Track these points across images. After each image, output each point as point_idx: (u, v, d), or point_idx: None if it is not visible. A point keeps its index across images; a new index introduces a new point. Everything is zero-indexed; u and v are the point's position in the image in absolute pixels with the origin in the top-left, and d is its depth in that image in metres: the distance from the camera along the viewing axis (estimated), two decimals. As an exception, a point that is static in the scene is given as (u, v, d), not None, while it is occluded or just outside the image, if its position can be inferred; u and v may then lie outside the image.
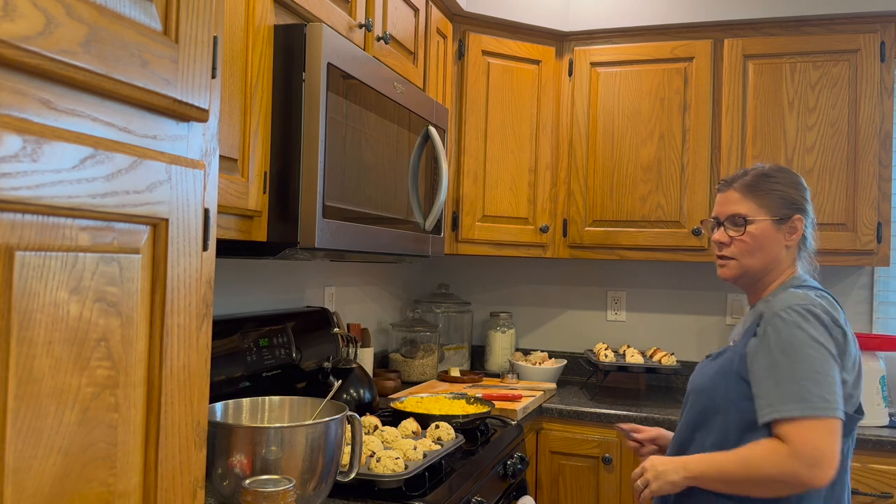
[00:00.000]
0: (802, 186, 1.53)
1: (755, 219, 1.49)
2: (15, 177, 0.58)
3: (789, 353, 1.33)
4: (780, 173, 1.52)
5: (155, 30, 0.75)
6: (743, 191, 1.51)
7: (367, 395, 1.96)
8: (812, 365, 1.32)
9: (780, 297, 1.40)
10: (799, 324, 1.34)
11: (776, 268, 1.50)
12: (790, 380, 1.32)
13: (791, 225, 1.49)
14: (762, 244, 1.48)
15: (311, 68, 1.41)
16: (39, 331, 0.61)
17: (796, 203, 1.50)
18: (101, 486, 0.69)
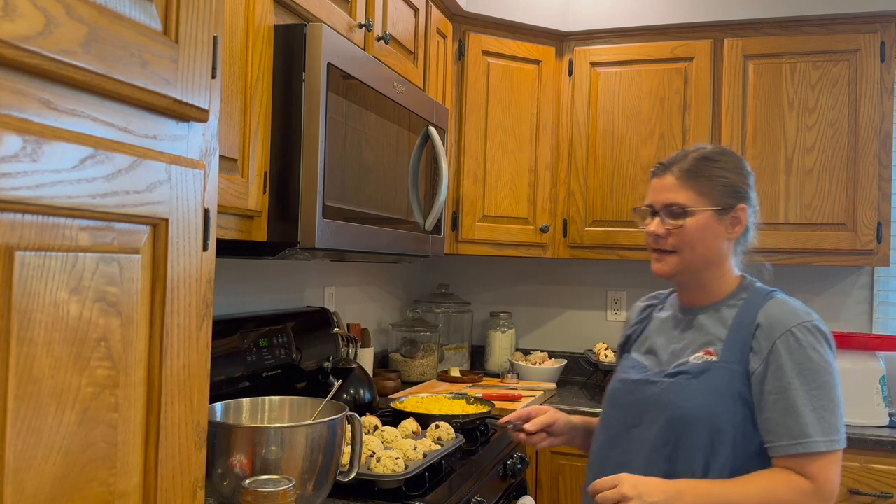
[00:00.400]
0: (747, 171, 1.38)
1: (695, 209, 1.32)
2: (15, 177, 0.58)
3: (807, 378, 1.23)
4: (723, 157, 1.36)
5: (155, 30, 0.75)
6: (682, 177, 1.34)
7: (367, 395, 1.96)
8: (829, 392, 1.23)
9: (779, 308, 1.30)
10: (813, 345, 1.25)
11: (717, 263, 1.36)
12: (811, 409, 1.22)
13: (734, 216, 1.34)
14: (703, 237, 1.32)
15: (311, 68, 1.41)
16: (39, 331, 0.61)
17: (740, 191, 1.35)
18: (101, 486, 0.69)
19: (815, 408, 1.22)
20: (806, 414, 1.21)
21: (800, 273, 2.77)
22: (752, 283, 1.39)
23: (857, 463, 2.10)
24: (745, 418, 1.26)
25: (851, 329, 2.70)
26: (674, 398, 1.31)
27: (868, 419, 2.20)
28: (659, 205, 1.35)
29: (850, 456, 2.11)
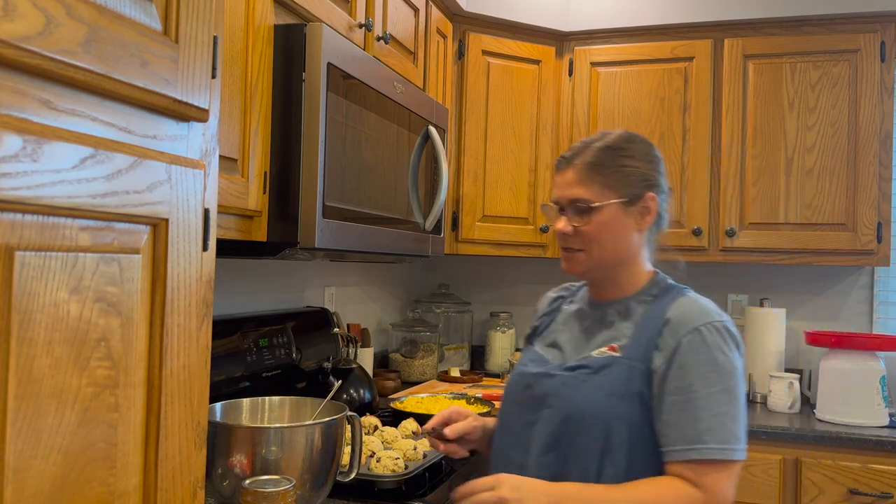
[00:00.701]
0: (655, 157, 1.29)
1: (601, 203, 1.23)
2: (15, 177, 0.58)
3: (710, 381, 1.13)
4: (629, 144, 1.27)
5: (155, 30, 0.75)
6: (585, 170, 1.24)
7: (367, 395, 1.96)
8: (732, 398, 1.14)
9: (689, 305, 1.20)
10: (720, 346, 1.15)
11: (629, 258, 1.27)
12: (710, 414, 1.12)
13: (643, 206, 1.25)
14: (612, 232, 1.23)
15: (311, 68, 1.41)
16: (39, 331, 0.61)
17: (648, 179, 1.26)
18: (101, 486, 0.69)
19: (715, 413, 1.12)
20: (704, 419, 1.12)
21: (800, 273, 2.77)
22: (664, 279, 1.30)
23: (857, 463, 2.10)
24: (643, 419, 1.17)
25: (851, 329, 2.70)
26: (571, 393, 1.21)
27: (868, 419, 2.20)
28: (564, 201, 1.26)
29: (849, 456, 2.12)
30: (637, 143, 1.27)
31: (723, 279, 2.86)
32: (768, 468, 2.17)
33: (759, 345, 2.59)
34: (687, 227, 2.57)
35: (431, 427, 1.34)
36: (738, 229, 2.52)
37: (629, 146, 1.26)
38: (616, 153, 1.25)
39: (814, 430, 2.14)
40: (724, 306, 2.85)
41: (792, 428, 2.17)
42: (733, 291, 2.84)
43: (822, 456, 2.14)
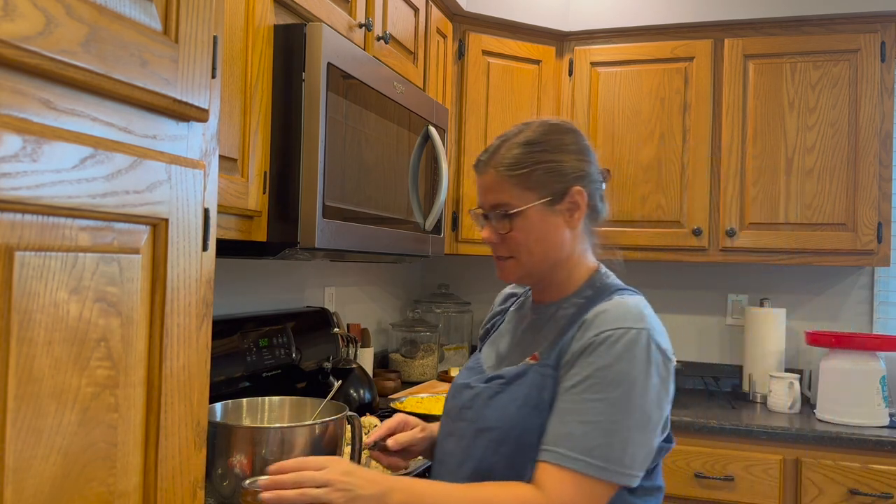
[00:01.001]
0: (580, 147, 1.16)
1: (522, 207, 1.12)
2: (15, 177, 0.58)
3: (594, 388, 1.00)
4: (547, 136, 1.14)
5: (155, 29, 0.75)
6: (502, 172, 1.13)
7: (367, 395, 1.96)
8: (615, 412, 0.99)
9: (610, 309, 1.07)
10: (624, 355, 1.01)
11: (565, 257, 1.16)
12: (579, 421, 0.99)
13: (570, 201, 1.13)
14: (539, 235, 1.13)
15: (311, 68, 1.41)
16: (39, 331, 0.61)
17: (572, 172, 1.13)
18: (101, 486, 0.69)
19: (584, 420, 0.99)
20: (570, 423, 1.00)
21: (800, 273, 2.77)
22: (603, 278, 1.18)
23: (858, 463, 2.10)
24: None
25: (852, 329, 2.70)
26: (481, 406, 1.12)
27: (868, 419, 2.20)
28: (486, 207, 1.16)
29: (850, 456, 2.12)
30: (556, 135, 1.15)
31: (723, 279, 2.86)
32: (768, 468, 2.17)
33: (760, 345, 2.59)
34: (687, 227, 2.57)
35: (373, 441, 1.23)
36: (738, 229, 2.52)
37: (547, 139, 1.14)
38: (533, 149, 1.13)
39: (814, 431, 2.14)
40: (725, 306, 2.86)
41: (792, 428, 2.17)
42: (733, 291, 2.84)
43: (822, 456, 2.14)
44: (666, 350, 1.05)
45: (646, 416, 1.01)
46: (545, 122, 1.17)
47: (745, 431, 2.19)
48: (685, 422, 2.23)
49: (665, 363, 1.04)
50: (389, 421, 1.26)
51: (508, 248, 1.15)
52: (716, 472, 2.20)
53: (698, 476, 2.21)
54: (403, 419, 1.27)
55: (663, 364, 1.04)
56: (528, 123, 1.17)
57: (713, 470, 2.20)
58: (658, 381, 1.02)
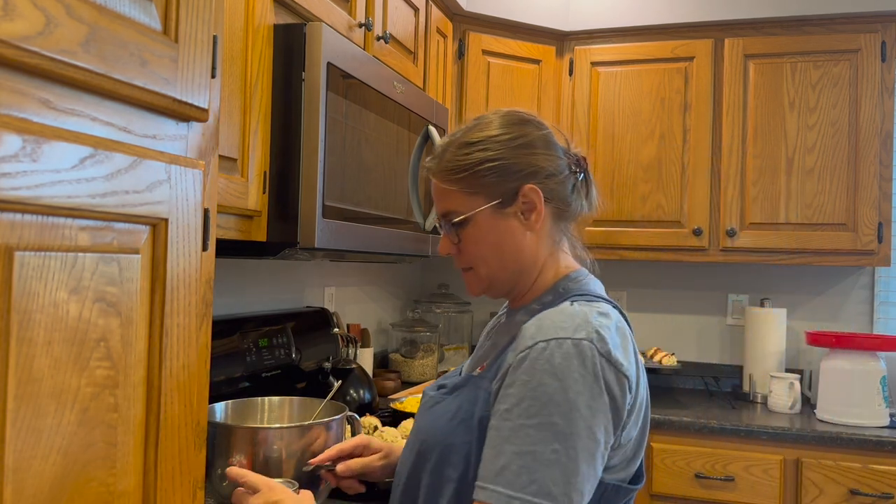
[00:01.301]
0: (531, 139, 1.02)
1: (469, 213, 1.00)
2: (14, 177, 0.58)
3: (527, 410, 0.86)
4: (488, 132, 1.02)
5: (155, 29, 0.75)
6: (445, 177, 1.02)
7: (366, 395, 1.96)
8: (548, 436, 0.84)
9: (548, 316, 0.92)
10: (557, 371, 0.86)
11: (531, 263, 1.03)
12: (513, 452, 0.85)
13: (523, 201, 1.00)
14: (492, 243, 1.01)
15: (311, 68, 1.41)
16: (39, 331, 0.61)
17: (521, 168, 1.00)
18: (101, 486, 0.68)
19: (519, 451, 0.85)
20: (506, 454, 0.86)
21: (800, 273, 2.77)
22: (573, 281, 1.04)
23: (858, 463, 2.10)
24: (480, 449, 0.92)
25: (852, 329, 2.70)
26: (420, 418, 1.04)
27: (868, 419, 2.20)
28: (439, 216, 1.05)
29: (850, 456, 2.12)
30: (499, 129, 1.02)
31: (723, 279, 2.86)
32: (769, 468, 2.17)
33: (760, 345, 2.59)
34: (687, 227, 2.57)
35: (318, 462, 1.14)
36: (738, 229, 2.52)
37: (488, 136, 1.01)
38: (473, 148, 1.01)
39: (814, 431, 2.14)
40: (725, 306, 2.85)
41: (792, 428, 2.17)
42: (734, 292, 2.84)
43: (822, 456, 2.14)
44: (619, 363, 0.88)
45: (592, 442, 0.85)
46: (493, 115, 1.05)
47: (745, 432, 2.19)
48: (685, 422, 2.23)
49: (618, 378, 0.87)
50: (345, 443, 1.16)
51: (464, 260, 1.04)
52: (716, 472, 2.20)
53: (699, 476, 2.21)
54: (364, 442, 1.18)
55: (615, 380, 0.87)
56: (478, 119, 1.05)
57: (713, 470, 2.20)
58: (606, 399, 0.86)
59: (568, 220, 1.07)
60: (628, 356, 0.91)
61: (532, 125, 1.04)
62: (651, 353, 2.67)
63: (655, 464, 2.25)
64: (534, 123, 1.04)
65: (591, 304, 0.95)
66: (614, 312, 0.95)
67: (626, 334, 0.93)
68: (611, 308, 0.96)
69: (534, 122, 1.05)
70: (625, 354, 0.90)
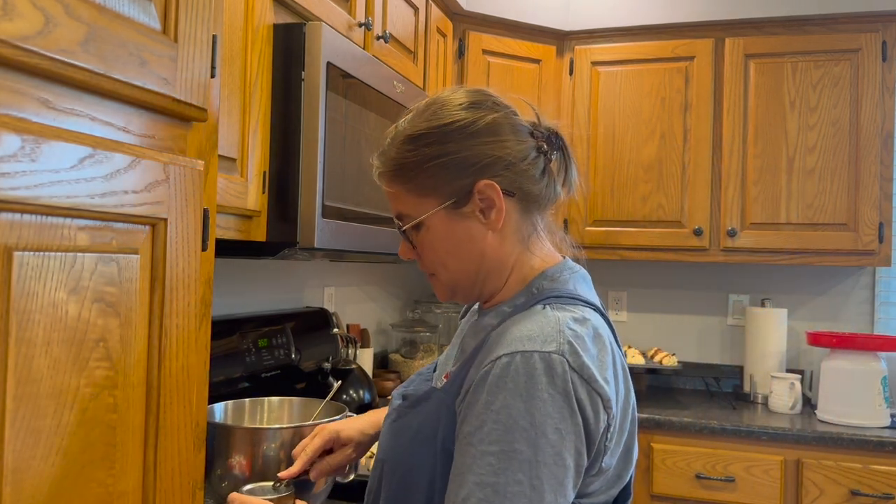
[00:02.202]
0: (479, 124, 0.89)
1: (420, 217, 0.90)
2: (13, 176, 0.57)
3: (490, 435, 0.77)
4: (433, 123, 0.89)
5: (154, 29, 0.74)
6: (390, 178, 0.91)
7: (366, 395, 1.96)
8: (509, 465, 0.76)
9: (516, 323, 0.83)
10: (521, 390, 0.76)
11: (498, 267, 0.92)
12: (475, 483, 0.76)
13: (480, 198, 0.88)
14: (450, 247, 0.90)
15: (311, 67, 1.40)
16: (38, 331, 0.61)
17: (472, 161, 0.88)
18: (100, 486, 0.68)
19: (479, 483, 0.76)
20: (466, 485, 0.77)
21: (801, 273, 2.77)
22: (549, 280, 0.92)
23: (859, 464, 2.10)
24: (444, 473, 0.83)
25: (853, 329, 2.70)
26: (384, 435, 0.95)
27: (869, 420, 2.20)
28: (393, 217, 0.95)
29: (851, 457, 2.11)
30: (446, 117, 0.89)
31: (724, 279, 2.85)
32: (769, 469, 2.16)
33: (761, 345, 2.59)
34: (688, 227, 2.56)
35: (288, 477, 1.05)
36: (739, 229, 2.52)
37: (433, 126, 0.88)
38: (419, 144, 0.88)
39: (815, 431, 2.14)
40: (726, 306, 2.85)
41: (793, 428, 2.16)
42: (734, 292, 2.84)
43: (823, 457, 2.13)
44: (592, 378, 0.78)
45: (562, 467, 0.77)
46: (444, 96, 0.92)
47: (745, 432, 2.19)
48: (686, 422, 2.23)
49: (590, 397, 0.78)
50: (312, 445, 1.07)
51: (424, 264, 0.94)
52: (716, 472, 2.20)
53: (699, 477, 2.20)
54: (331, 437, 1.08)
55: (587, 399, 0.78)
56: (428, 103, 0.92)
57: (714, 471, 2.20)
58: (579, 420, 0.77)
59: (539, 211, 0.94)
60: (605, 370, 0.80)
61: (486, 107, 0.91)
62: (651, 353, 2.67)
63: (656, 464, 2.25)
64: (488, 105, 0.91)
65: (565, 308, 0.84)
66: (594, 317, 0.85)
67: (605, 344, 0.83)
68: (590, 311, 0.86)
69: (488, 104, 0.91)
70: (601, 368, 0.80)
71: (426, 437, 0.86)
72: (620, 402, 0.84)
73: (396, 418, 0.94)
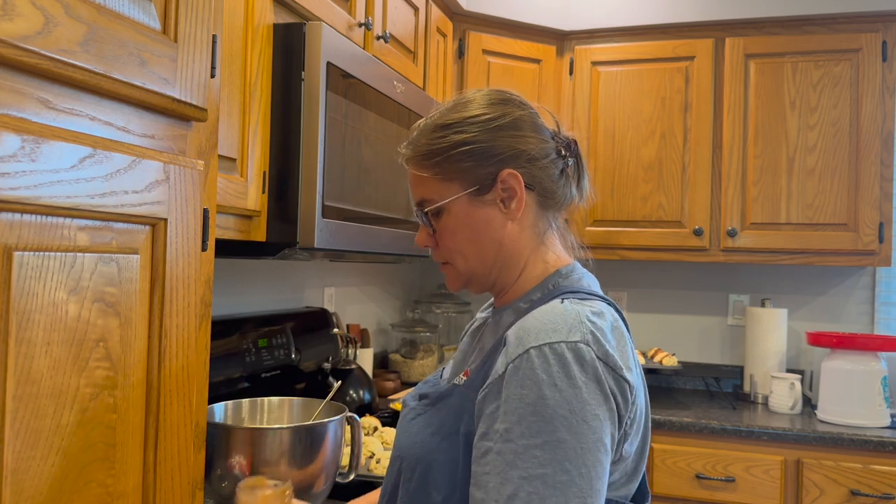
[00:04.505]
0: (510, 120, 0.94)
1: (444, 202, 0.93)
2: (13, 176, 0.57)
3: (530, 427, 0.77)
4: (463, 114, 0.94)
5: (154, 29, 0.74)
6: (419, 164, 0.95)
7: (366, 395, 1.96)
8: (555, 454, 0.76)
9: (536, 317, 0.84)
10: (556, 380, 0.78)
11: (513, 256, 0.95)
12: (521, 475, 0.76)
13: (503, 188, 0.92)
14: (470, 234, 0.93)
15: (311, 67, 1.40)
16: (38, 331, 0.61)
17: (500, 151, 0.92)
18: (100, 486, 0.68)
19: (527, 475, 0.76)
20: (511, 482, 0.76)
21: (801, 273, 2.77)
22: (563, 277, 0.95)
23: (859, 464, 2.10)
24: (467, 469, 0.84)
25: (853, 329, 2.70)
26: (401, 431, 0.96)
27: (869, 420, 2.20)
28: (414, 205, 0.98)
29: (851, 457, 2.11)
30: (477, 110, 0.94)
31: (724, 279, 2.85)
32: (770, 469, 2.16)
33: (761, 345, 2.59)
34: (688, 227, 2.56)
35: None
36: (739, 229, 2.52)
37: (465, 117, 0.94)
38: (448, 132, 0.93)
39: (815, 431, 2.14)
40: (726, 306, 2.85)
41: (793, 429, 2.16)
42: (735, 292, 2.84)
43: (823, 457, 2.13)
44: (618, 366, 0.81)
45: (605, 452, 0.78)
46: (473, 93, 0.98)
47: (746, 432, 2.19)
48: (686, 422, 2.23)
49: (618, 384, 0.80)
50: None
51: (441, 253, 0.97)
52: (717, 472, 2.20)
53: (699, 477, 2.20)
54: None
55: (616, 386, 0.80)
56: (457, 99, 0.97)
57: (714, 471, 2.20)
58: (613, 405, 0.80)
59: (555, 210, 0.98)
60: (627, 360, 0.83)
61: (514, 104, 0.96)
62: (651, 353, 2.67)
63: (656, 464, 2.25)
64: (516, 103, 0.97)
65: (583, 302, 0.86)
66: (609, 311, 0.87)
67: (623, 335, 0.85)
68: (605, 306, 0.88)
69: (516, 102, 0.97)
70: (623, 358, 0.82)
71: (449, 433, 0.87)
72: (641, 391, 0.86)
73: (415, 417, 0.94)
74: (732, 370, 2.79)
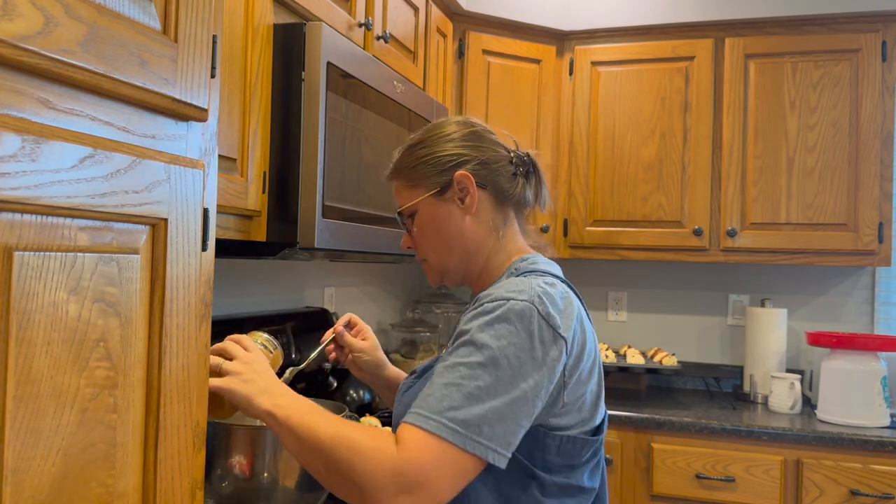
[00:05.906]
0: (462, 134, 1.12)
1: (413, 203, 1.13)
2: (14, 176, 0.57)
3: (464, 353, 0.94)
4: (428, 132, 1.14)
5: (154, 29, 0.74)
6: (393, 176, 1.16)
7: (366, 395, 1.96)
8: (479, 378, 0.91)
9: (497, 286, 1.03)
10: (497, 325, 0.94)
11: (476, 248, 1.12)
12: (441, 381, 0.92)
13: (459, 188, 1.10)
14: (436, 229, 1.11)
15: (311, 67, 1.40)
16: (38, 331, 0.61)
17: (453, 158, 1.10)
18: (100, 486, 0.68)
19: (446, 381, 0.92)
20: (434, 385, 0.93)
21: (801, 273, 2.77)
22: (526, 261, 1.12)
23: (859, 464, 2.10)
24: None
25: (853, 329, 2.70)
26: (396, 404, 1.12)
27: (869, 420, 2.20)
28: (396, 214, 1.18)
29: (851, 456, 2.11)
30: (438, 129, 1.14)
31: (724, 279, 2.85)
32: (769, 469, 2.17)
33: (761, 345, 2.59)
34: (688, 227, 2.56)
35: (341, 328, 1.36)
36: (739, 229, 2.52)
37: (426, 136, 1.14)
38: (415, 149, 1.14)
39: (815, 431, 2.14)
40: (726, 306, 2.85)
41: (793, 428, 2.16)
42: (734, 292, 2.84)
43: (823, 456, 2.13)
44: (556, 324, 0.95)
45: (516, 389, 0.91)
46: (442, 120, 1.17)
47: (746, 432, 2.19)
48: (686, 422, 2.23)
49: (554, 339, 0.94)
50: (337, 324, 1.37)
51: (419, 252, 1.17)
52: (717, 472, 2.20)
53: (699, 477, 2.20)
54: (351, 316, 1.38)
55: (551, 340, 0.94)
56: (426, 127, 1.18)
57: (714, 471, 2.20)
58: (539, 355, 0.93)
59: (515, 209, 1.16)
60: (568, 320, 0.98)
61: (470, 124, 1.15)
62: (651, 353, 2.67)
63: (656, 464, 2.25)
64: (472, 123, 1.16)
65: (538, 277, 1.03)
66: (562, 285, 1.03)
67: (571, 303, 1.00)
68: (559, 282, 1.04)
69: (473, 122, 1.16)
70: (564, 318, 0.97)
71: None
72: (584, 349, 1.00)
73: (406, 390, 1.10)
74: (732, 370, 2.79)
